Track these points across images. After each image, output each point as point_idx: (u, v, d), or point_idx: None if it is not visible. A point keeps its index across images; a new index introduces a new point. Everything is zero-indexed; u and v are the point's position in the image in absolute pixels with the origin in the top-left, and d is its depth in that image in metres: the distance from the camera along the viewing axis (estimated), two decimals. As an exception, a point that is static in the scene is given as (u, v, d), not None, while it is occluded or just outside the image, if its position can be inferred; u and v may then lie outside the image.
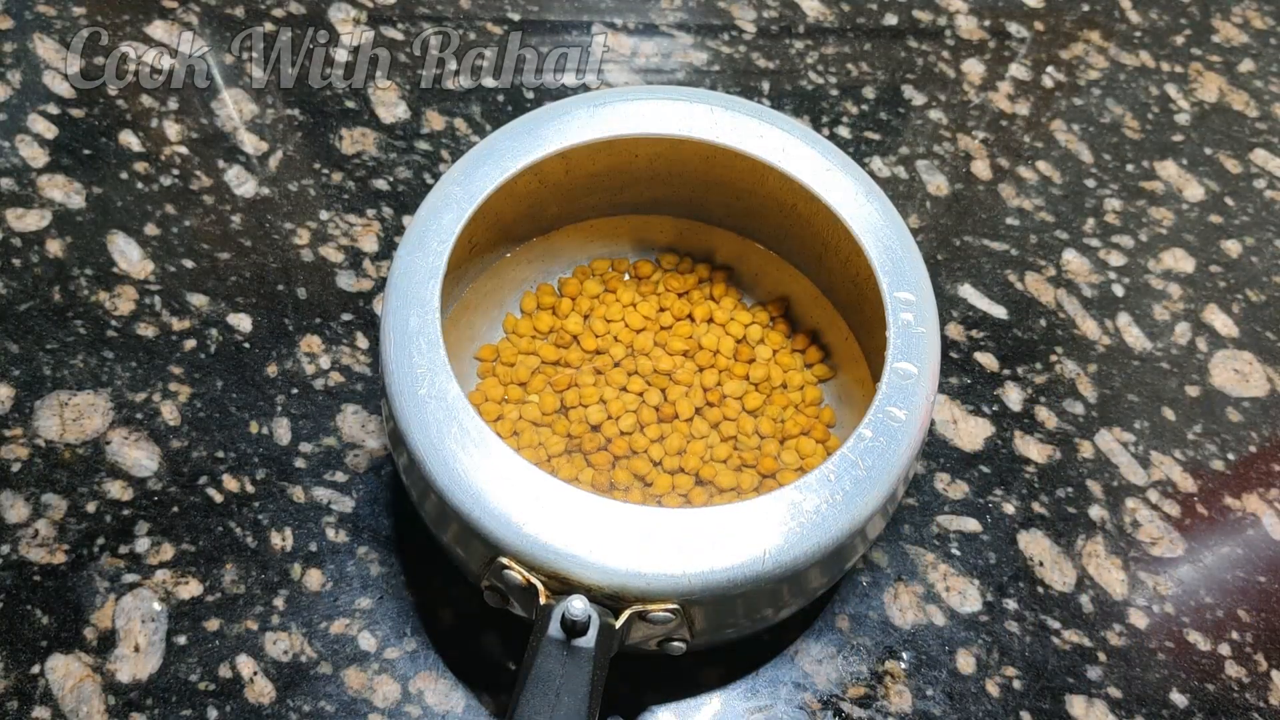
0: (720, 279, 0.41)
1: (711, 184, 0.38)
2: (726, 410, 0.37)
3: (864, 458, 0.29)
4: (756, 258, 0.41)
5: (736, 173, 0.37)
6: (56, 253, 0.42)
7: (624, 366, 0.38)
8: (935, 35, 0.56)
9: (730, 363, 0.38)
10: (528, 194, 0.36)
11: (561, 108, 0.36)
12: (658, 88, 0.37)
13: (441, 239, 0.32)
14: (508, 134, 0.35)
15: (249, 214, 0.44)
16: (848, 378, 0.38)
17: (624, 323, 0.39)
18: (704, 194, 0.39)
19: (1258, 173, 0.53)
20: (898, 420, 0.30)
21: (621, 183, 0.38)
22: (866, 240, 0.34)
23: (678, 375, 0.38)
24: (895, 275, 0.33)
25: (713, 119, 0.36)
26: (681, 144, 0.36)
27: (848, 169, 0.35)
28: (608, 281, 0.40)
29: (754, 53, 0.53)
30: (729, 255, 0.41)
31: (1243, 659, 0.38)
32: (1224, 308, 0.47)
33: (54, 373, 0.39)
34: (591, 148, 0.35)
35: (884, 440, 0.30)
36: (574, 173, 0.36)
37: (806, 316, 0.40)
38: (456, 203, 0.33)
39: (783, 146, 0.35)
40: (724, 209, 0.40)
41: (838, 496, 0.29)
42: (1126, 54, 0.57)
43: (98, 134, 0.45)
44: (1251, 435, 0.43)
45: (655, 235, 0.41)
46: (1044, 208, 0.49)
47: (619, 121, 0.35)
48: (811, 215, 0.36)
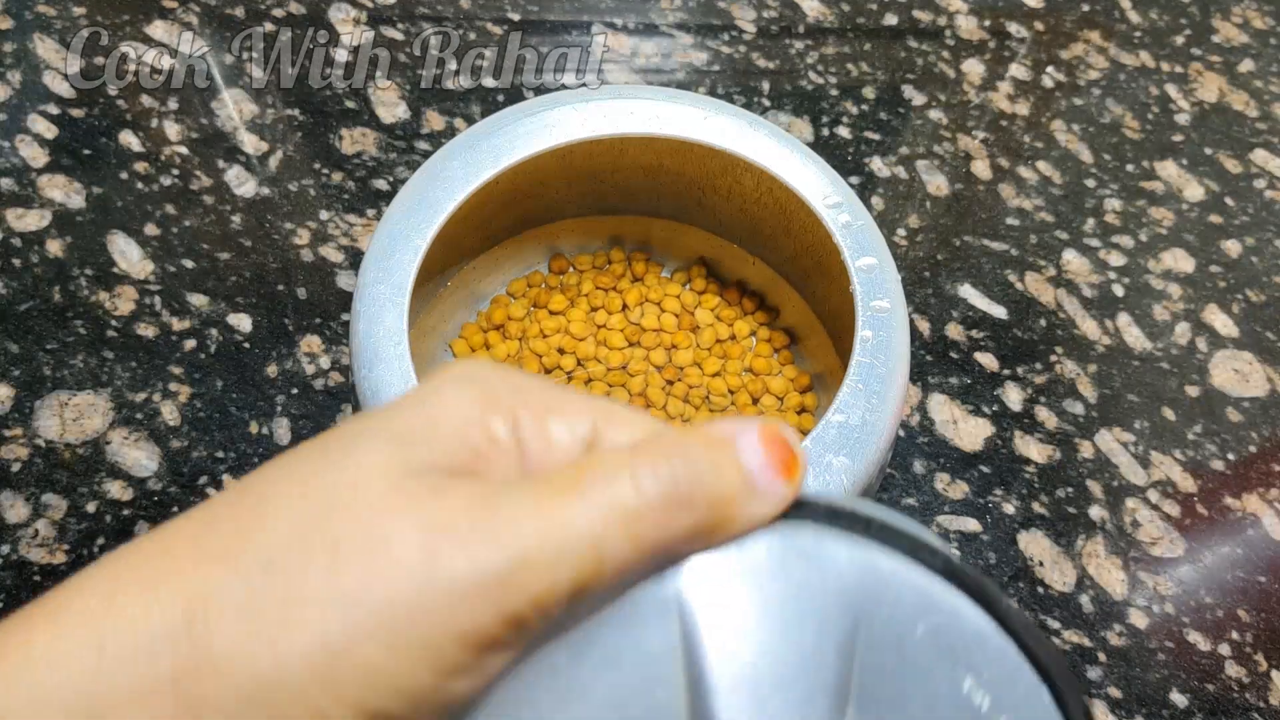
0: (640, 258, 0.41)
1: (601, 173, 0.38)
2: (690, 380, 0.38)
3: (874, 354, 0.32)
4: (662, 230, 0.41)
5: (628, 157, 0.37)
6: (57, 253, 0.42)
7: (577, 377, 0.38)
8: (935, 35, 0.56)
9: (676, 335, 0.39)
10: (448, 239, 0.35)
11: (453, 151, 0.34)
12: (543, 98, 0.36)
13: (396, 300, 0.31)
14: (410, 197, 0.34)
15: (249, 214, 0.44)
16: (792, 315, 0.40)
17: (566, 333, 0.39)
18: (598, 185, 0.39)
19: (1258, 173, 0.53)
20: (884, 310, 0.32)
21: (525, 202, 0.38)
22: (773, 166, 0.34)
23: (632, 367, 0.38)
24: (812, 187, 0.34)
25: (601, 112, 0.35)
26: (590, 145, 0.35)
27: (687, 100, 0.36)
28: (535, 298, 0.40)
29: (754, 53, 0.53)
30: (636, 236, 0.42)
31: (1243, 659, 0.38)
32: (1224, 308, 0.47)
33: (54, 373, 0.39)
34: (499, 178, 0.34)
35: (884, 333, 0.32)
36: (483, 205, 0.36)
37: (730, 272, 0.41)
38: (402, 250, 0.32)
39: (656, 114, 0.36)
40: (622, 194, 0.40)
41: (875, 391, 0.31)
42: (1126, 54, 0.57)
43: (98, 134, 0.45)
44: (1251, 435, 0.43)
45: (562, 240, 0.41)
46: (1044, 208, 0.49)
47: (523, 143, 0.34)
48: (702, 160, 0.36)
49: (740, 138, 0.35)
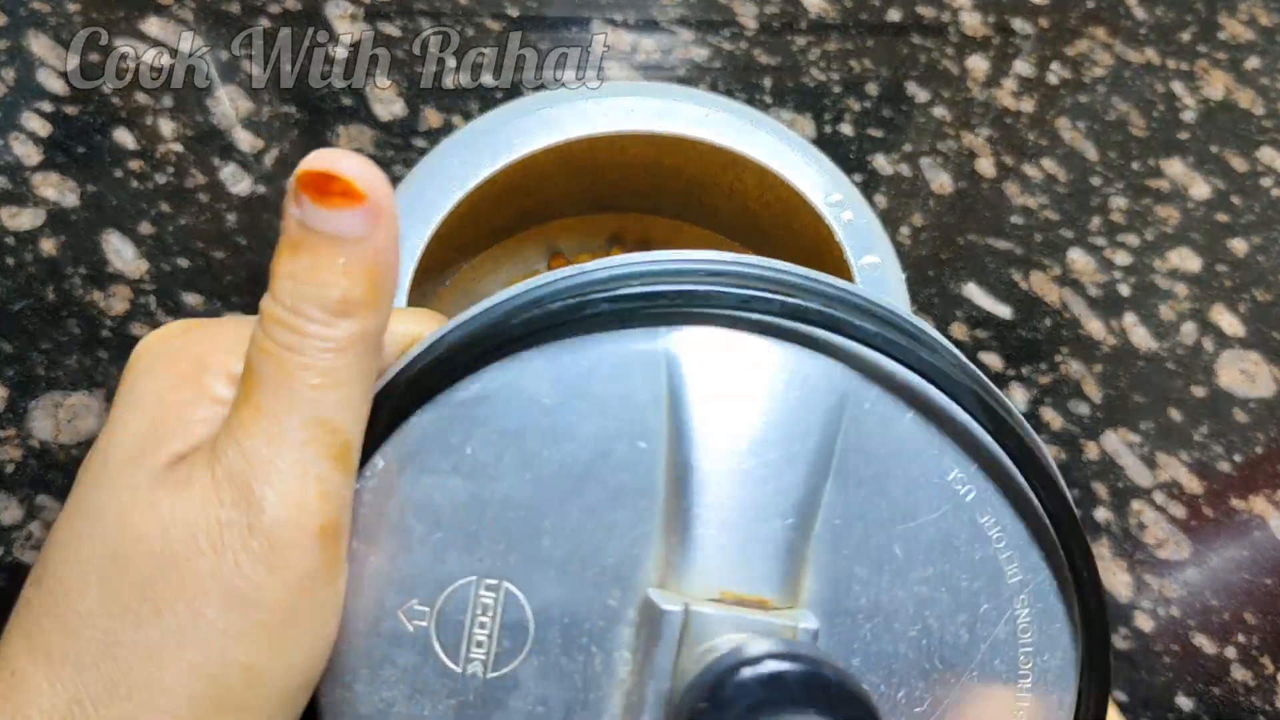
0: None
1: (601, 170, 0.37)
2: None
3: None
4: (663, 228, 0.41)
5: (629, 154, 0.36)
6: (50, 251, 0.41)
7: None
8: (939, 31, 0.55)
9: None
10: (446, 237, 0.34)
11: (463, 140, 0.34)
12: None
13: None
14: (406, 195, 0.33)
15: (244, 212, 0.43)
16: None
17: None
18: (598, 182, 0.38)
19: (1264, 171, 0.52)
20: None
21: (524, 200, 0.37)
22: (775, 164, 0.34)
23: None
24: (815, 184, 0.33)
25: (601, 109, 0.35)
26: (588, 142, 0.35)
27: (688, 96, 0.35)
28: None
29: (755, 49, 0.53)
30: (636, 234, 0.41)
31: (1249, 662, 0.37)
32: (1231, 307, 0.47)
33: (48, 373, 0.38)
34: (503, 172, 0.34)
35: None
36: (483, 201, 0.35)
37: None
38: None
39: (657, 110, 0.35)
40: (622, 192, 0.39)
41: None
42: (1132, 51, 0.56)
43: (92, 131, 0.45)
44: (1258, 436, 0.43)
45: (562, 238, 0.41)
46: (1049, 206, 0.49)
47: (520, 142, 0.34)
48: (703, 157, 0.35)
49: (742, 135, 0.34)
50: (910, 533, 0.18)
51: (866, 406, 0.18)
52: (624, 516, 0.18)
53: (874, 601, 0.18)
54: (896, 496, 0.18)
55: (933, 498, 0.18)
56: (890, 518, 0.18)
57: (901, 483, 0.18)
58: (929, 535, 0.18)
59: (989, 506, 0.19)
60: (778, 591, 0.18)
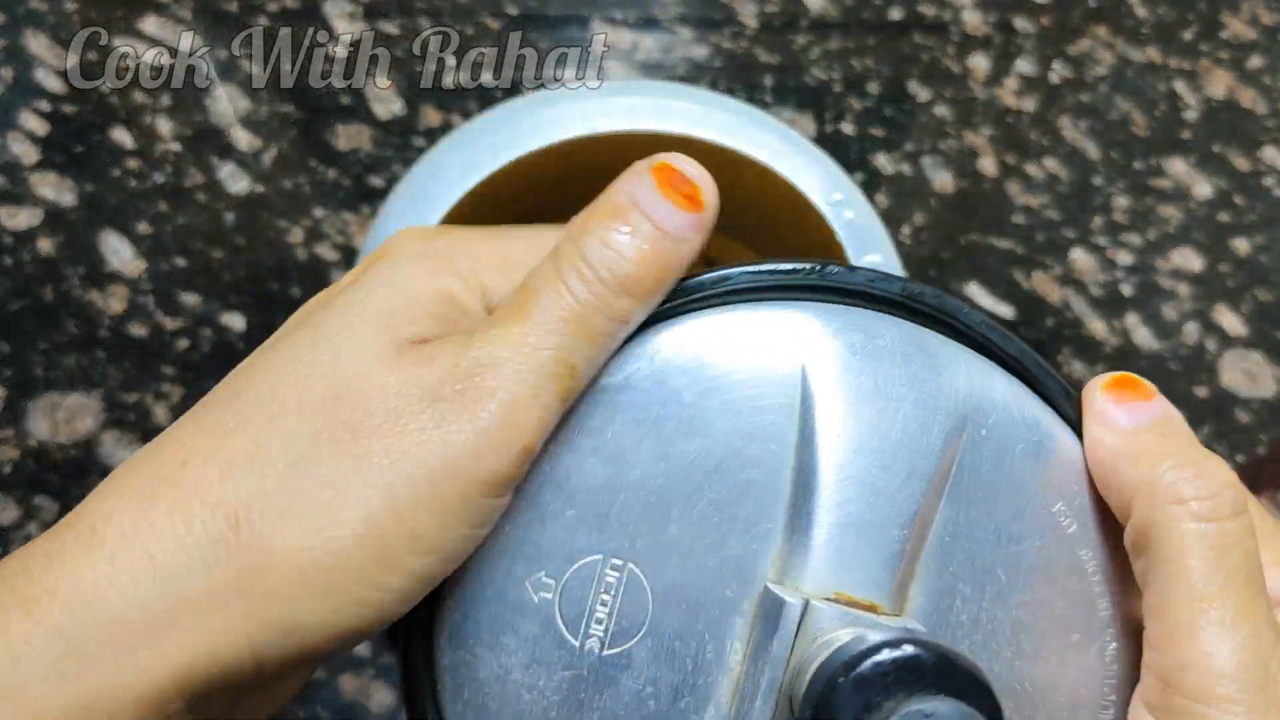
0: None
1: (602, 169, 0.37)
2: None
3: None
4: None
5: (629, 153, 0.36)
6: (48, 251, 0.41)
7: None
8: (940, 30, 0.55)
9: None
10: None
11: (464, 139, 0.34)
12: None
13: None
14: (405, 194, 0.33)
15: (242, 212, 0.43)
16: None
17: None
18: (598, 182, 0.38)
19: (1267, 170, 0.52)
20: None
21: (524, 200, 0.37)
22: (776, 163, 0.33)
23: None
24: (816, 183, 0.33)
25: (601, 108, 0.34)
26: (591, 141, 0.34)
27: (689, 95, 0.35)
28: None
29: (756, 47, 0.53)
30: None
31: (1253, 665, 0.37)
32: (1233, 307, 0.47)
33: (46, 373, 0.38)
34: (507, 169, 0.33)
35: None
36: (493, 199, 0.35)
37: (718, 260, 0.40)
38: None
39: (657, 109, 0.35)
40: None
41: None
42: (1134, 49, 0.56)
43: (90, 131, 0.45)
44: (1260, 437, 0.43)
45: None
46: (1051, 205, 0.49)
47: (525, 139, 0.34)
48: (703, 156, 0.35)
49: (742, 134, 0.34)
50: (1013, 557, 0.19)
51: (984, 433, 0.19)
52: (749, 512, 0.19)
53: (974, 619, 0.19)
54: (1003, 520, 0.19)
55: (1037, 526, 0.19)
56: (996, 540, 0.19)
57: (1009, 508, 0.19)
58: (1030, 561, 0.19)
59: (1088, 542, 0.19)
60: (887, 598, 0.19)
